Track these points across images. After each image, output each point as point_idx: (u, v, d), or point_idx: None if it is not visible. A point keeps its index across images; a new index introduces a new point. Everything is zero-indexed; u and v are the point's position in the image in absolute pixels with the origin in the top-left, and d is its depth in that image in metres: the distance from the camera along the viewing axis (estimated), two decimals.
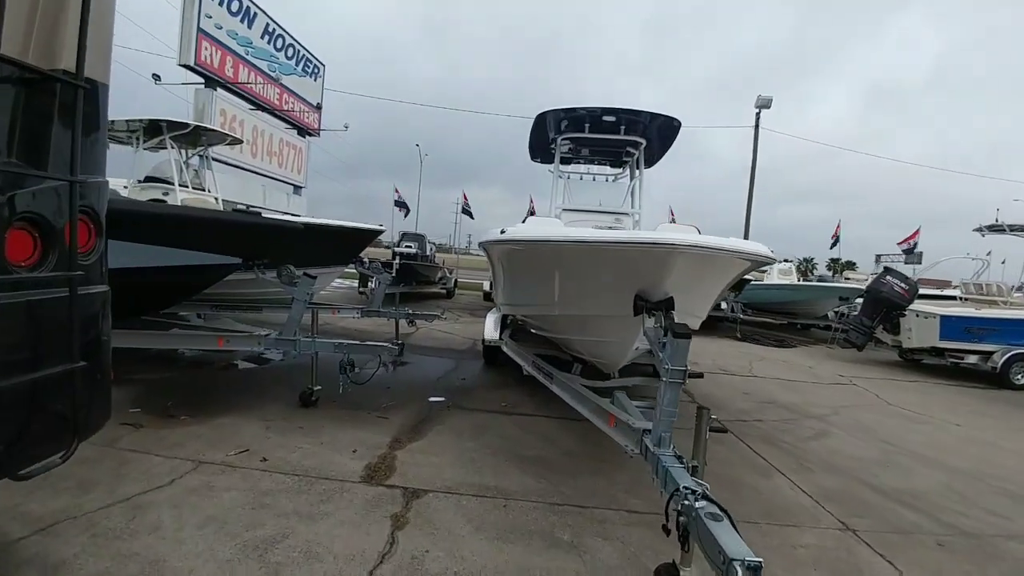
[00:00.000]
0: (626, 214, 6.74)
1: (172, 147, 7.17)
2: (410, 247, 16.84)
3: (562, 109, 6.29)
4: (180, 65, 10.83)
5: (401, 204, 23.60)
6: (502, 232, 4.12)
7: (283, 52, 14.53)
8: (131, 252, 4.03)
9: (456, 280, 19.55)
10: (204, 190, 7.82)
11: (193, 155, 8.18)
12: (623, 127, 6.51)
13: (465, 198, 26.80)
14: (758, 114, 23.82)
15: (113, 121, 7.02)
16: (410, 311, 7.62)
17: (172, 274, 4.27)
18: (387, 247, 19.20)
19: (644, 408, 3.86)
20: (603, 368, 4.48)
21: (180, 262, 4.22)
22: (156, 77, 11.35)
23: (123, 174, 7.28)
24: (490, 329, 7.20)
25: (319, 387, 4.82)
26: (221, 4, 11.61)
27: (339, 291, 17.30)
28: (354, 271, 10.99)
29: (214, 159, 12.35)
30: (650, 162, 7.18)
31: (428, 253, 18.47)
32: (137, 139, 7.20)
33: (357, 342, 4.74)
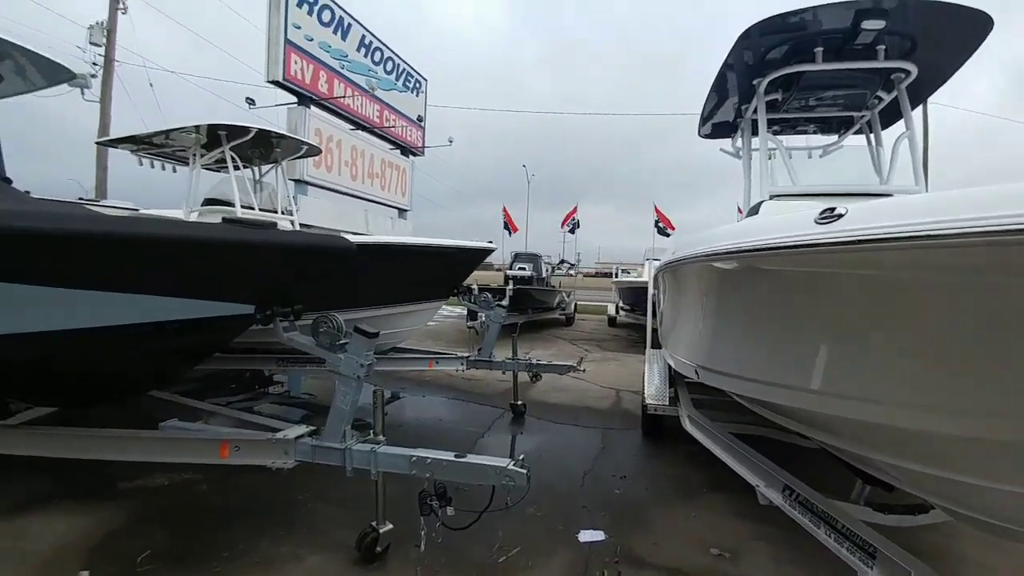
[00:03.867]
0: (890, 195, 3.92)
1: (232, 159, 5.68)
2: (524, 269, 14.84)
3: (781, 17, 3.59)
4: (268, 82, 9.82)
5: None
6: (831, 218, 1.50)
7: (382, 66, 13.39)
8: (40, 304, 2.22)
9: (576, 304, 17.18)
10: (276, 211, 6.29)
11: (268, 171, 6.75)
12: (884, 47, 3.78)
13: (575, 212, 24.41)
14: None
15: (167, 133, 5.70)
16: (533, 361, 5.40)
17: (117, 340, 2.41)
18: (497, 270, 17.42)
19: None
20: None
21: (135, 319, 2.36)
22: (250, 101, 10.45)
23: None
24: (655, 387, 4.76)
25: (390, 526, 2.73)
26: (311, 14, 10.58)
27: (447, 320, 15.71)
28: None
29: (311, 184, 11.33)
30: (912, 102, 4.17)
31: (544, 275, 16.34)
32: (194, 155, 5.83)
33: (450, 457, 2.53)
